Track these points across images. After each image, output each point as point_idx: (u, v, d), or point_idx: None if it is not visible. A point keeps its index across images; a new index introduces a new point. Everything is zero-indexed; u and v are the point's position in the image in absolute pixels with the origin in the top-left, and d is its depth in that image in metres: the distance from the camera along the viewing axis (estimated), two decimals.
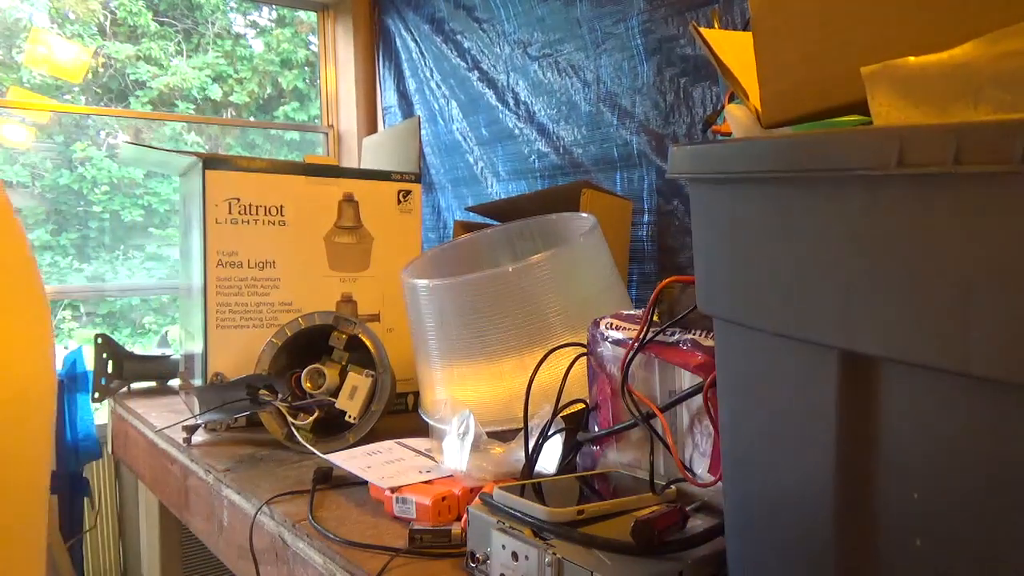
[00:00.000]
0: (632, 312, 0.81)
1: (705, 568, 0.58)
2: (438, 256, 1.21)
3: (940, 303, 0.34)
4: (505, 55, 1.90)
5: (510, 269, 0.94)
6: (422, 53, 2.19)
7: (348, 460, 0.91)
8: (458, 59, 2.05)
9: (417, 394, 1.15)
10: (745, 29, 0.65)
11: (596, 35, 1.64)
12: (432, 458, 0.90)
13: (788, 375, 0.44)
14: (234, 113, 2.86)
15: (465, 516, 0.69)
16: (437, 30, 2.12)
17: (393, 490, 0.81)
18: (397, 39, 2.30)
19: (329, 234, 1.29)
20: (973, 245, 0.33)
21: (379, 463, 0.89)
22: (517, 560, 0.60)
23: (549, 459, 0.82)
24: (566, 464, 0.82)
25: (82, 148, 2.53)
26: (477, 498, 0.70)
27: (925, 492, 0.37)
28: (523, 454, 0.80)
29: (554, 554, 0.58)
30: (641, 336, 0.72)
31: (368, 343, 1.11)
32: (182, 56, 2.75)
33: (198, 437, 1.16)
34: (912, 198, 0.35)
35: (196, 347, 1.26)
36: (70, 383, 1.77)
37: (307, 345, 1.14)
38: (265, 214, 1.24)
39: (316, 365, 1.11)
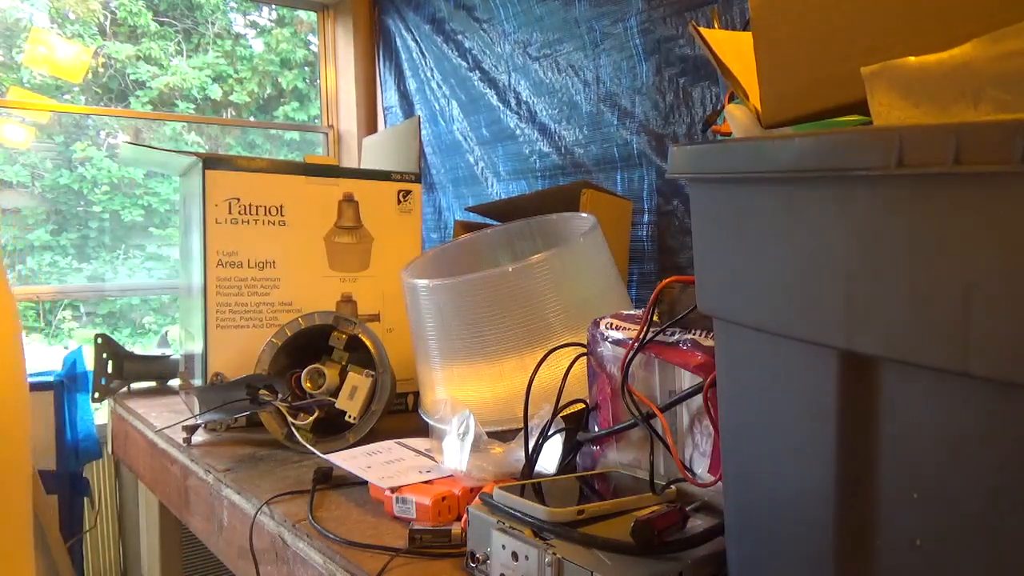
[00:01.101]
0: (632, 312, 0.81)
1: (705, 568, 0.58)
2: (438, 256, 1.21)
3: (940, 303, 0.34)
4: (506, 55, 1.90)
5: (510, 269, 0.94)
6: (422, 53, 2.19)
7: (348, 460, 0.91)
8: (459, 59, 2.05)
9: (417, 394, 1.15)
10: (745, 29, 0.65)
11: (595, 35, 1.64)
12: (432, 458, 0.90)
13: (788, 375, 0.44)
14: (234, 113, 2.86)
15: (465, 516, 0.69)
16: (437, 30, 2.12)
17: (393, 490, 0.81)
18: (397, 39, 2.30)
19: (329, 234, 1.29)
20: (973, 245, 0.33)
21: (379, 463, 0.89)
22: (517, 560, 0.60)
23: (549, 459, 0.82)
24: (566, 464, 0.82)
25: (82, 148, 2.53)
26: (477, 498, 0.70)
27: (925, 492, 0.37)
28: (523, 454, 0.80)
29: (554, 554, 0.58)
30: (641, 336, 0.72)
31: (368, 343, 1.11)
32: (182, 56, 2.75)
33: (198, 437, 1.16)
34: (912, 198, 0.35)
35: (196, 347, 1.26)
36: (70, 383, 1.77)
37: (307, 345, 1.14)
38: (265, 214, 1.24)
39: (316, 365, 1.11)
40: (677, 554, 0.58)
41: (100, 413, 1.81)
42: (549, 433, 0.81)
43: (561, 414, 0.82)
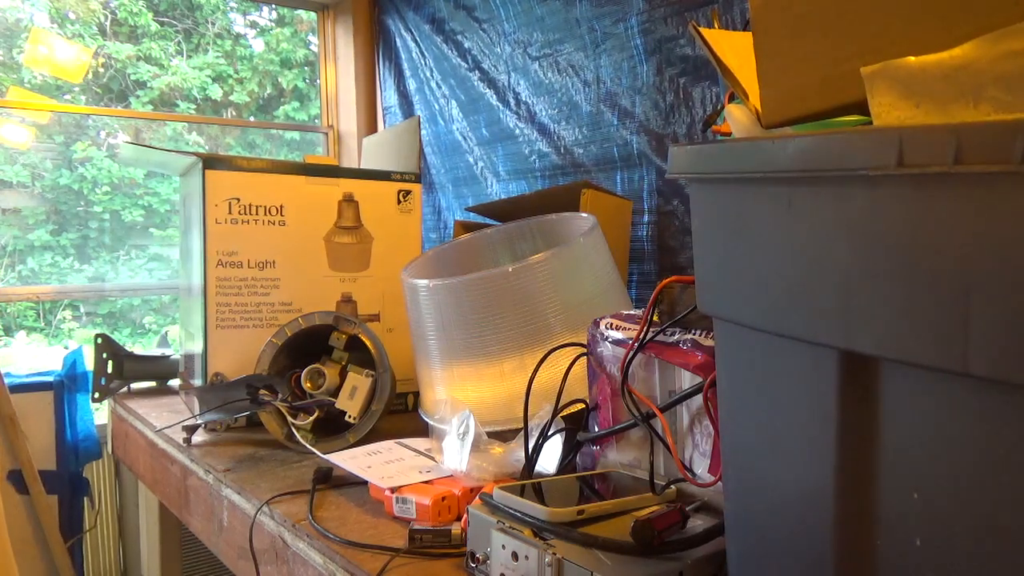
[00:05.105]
0: (632, 312, 0.81)
1: (705, 568, 0.58)
2: (438, 256, 1.21)
3: (940, 303, 0.34)
4: (505, 55, 1.90)
5: (510, 269, 0.94)
6: (422, 53, 2.19)
7: (348, 460, 0.91)
8: (458, 59, 2.05)
9: (417, 394, 1.15)
10: (745, 29, 0.65)
11: (596, 35, 1.64)
12: (432, 458, 0.90)
13: (788, 375, 0.44)
14: (234, 113, 2.86)
15: (465, 516, 0.69)
16: (437, 30, 2.12)
17: (393, 490, 0.81)
18: (397, 39, 2.30)
19: (329, 234, 1.29)
20: (973, 245, 0.33)
21: (379, 463, 0.89)
22: (517, 560, 0.60)
23: (549, 459, 0.82)
24: (566, 464, 0.82)
25: (82, 148, 2.53)
26: (477, 498, 0.70)
27: (925, 492, 0.37)
28: (523, 454, 0.80)
29: (554, 554, 0.58)
30: (641, 336, 0.72)
31: (368, 343, 1.11)
32: (182, 56, 2.75)
33: (198, 437, 1.16)
34: (912, 198, 0.35)
35: (196, 347, 1.26)
36: (70, 383, 1.77)
37: (307, 345, 1.14)
38: (265, 214, 1.24)
39: (316, 365, 1.11)
40: (677, 554, 0.58)
41: (100, 413, 1.81)
42: (549, 433, 0.81)
43: (561, 414, 0.82)
